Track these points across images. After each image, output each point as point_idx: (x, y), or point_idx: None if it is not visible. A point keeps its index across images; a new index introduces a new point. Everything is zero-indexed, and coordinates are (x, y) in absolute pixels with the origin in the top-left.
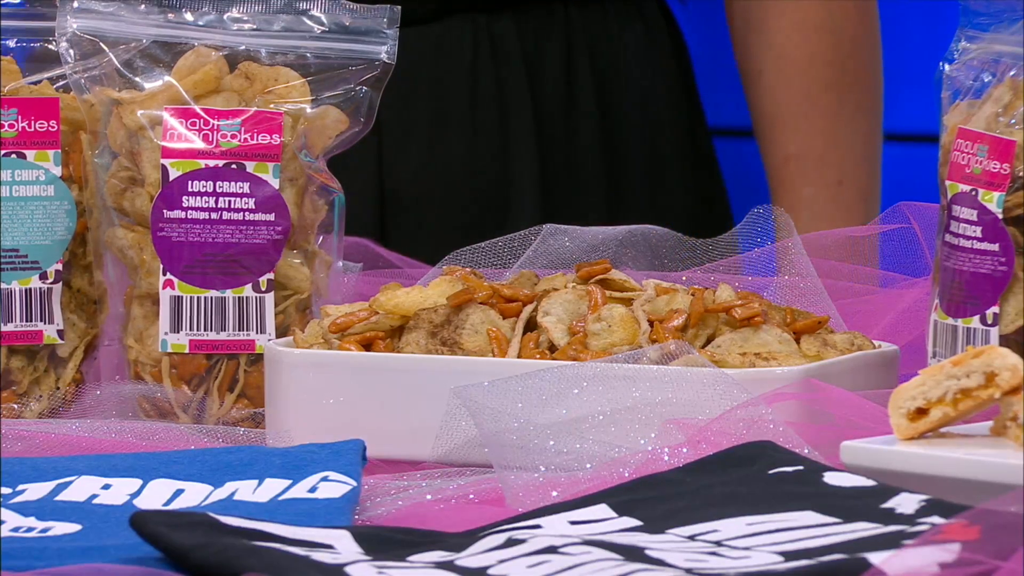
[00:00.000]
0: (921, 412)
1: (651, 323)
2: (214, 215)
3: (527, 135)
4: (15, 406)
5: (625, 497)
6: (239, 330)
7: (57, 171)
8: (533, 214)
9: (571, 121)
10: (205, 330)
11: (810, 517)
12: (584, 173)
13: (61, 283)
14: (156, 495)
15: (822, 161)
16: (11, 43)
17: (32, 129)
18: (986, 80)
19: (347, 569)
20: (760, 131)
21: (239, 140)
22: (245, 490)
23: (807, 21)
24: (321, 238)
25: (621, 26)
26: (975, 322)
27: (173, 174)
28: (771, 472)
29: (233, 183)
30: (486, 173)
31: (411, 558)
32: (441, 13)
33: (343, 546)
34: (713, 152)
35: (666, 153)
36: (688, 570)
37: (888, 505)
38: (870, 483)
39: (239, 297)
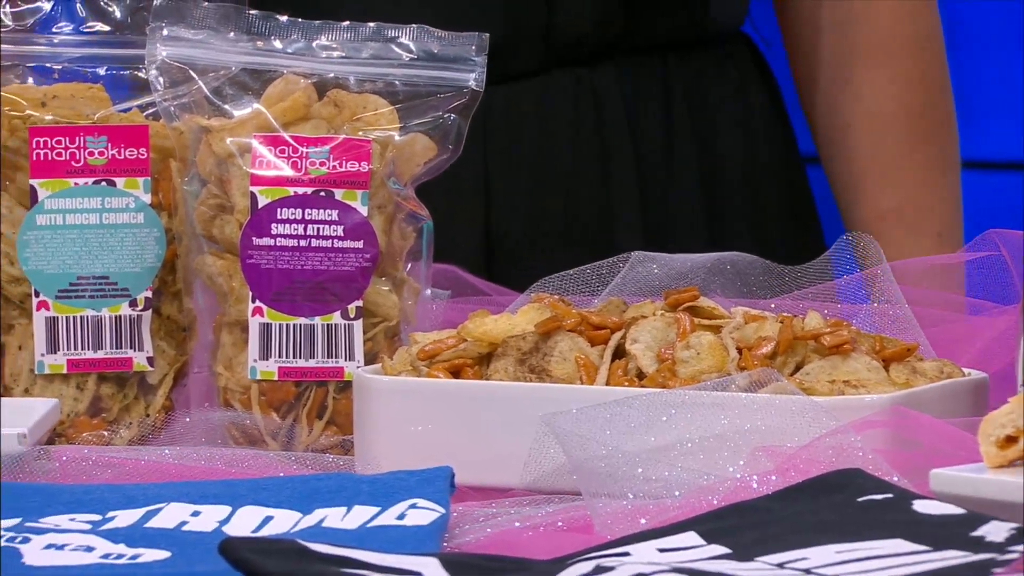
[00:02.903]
0: (1011, 440)
1: (740, 350)
2: (303, 242)
3: (629, 182)
4: (105, 433)
5: (714, 524)
6: (328, 357)
7: (147, 198)
8: None
9: (672, 166)
10: (294, 357)
11: (899, 545)
12: (686, 217)
13: (151, 310)
14: (245, 522)
15: (922, 213)
16: (101, 71)
17: (122, 157)
18: None
19: None
20: (848, 186)
21: (328, 167)
22: (334, 517)
23: (898, 73)
24: (409, 265)
25: (716, 71)
26: None
27: (262, 201)
28: (860, 500)
29: (322, 210)
30: (590, 221)
31: None
32: (543, 68)
33: (431, 573)
34: (807, 185)
35: (765, 192)
36: None
37: (978, 533)
38: (959, 511)
39: (328, 324)
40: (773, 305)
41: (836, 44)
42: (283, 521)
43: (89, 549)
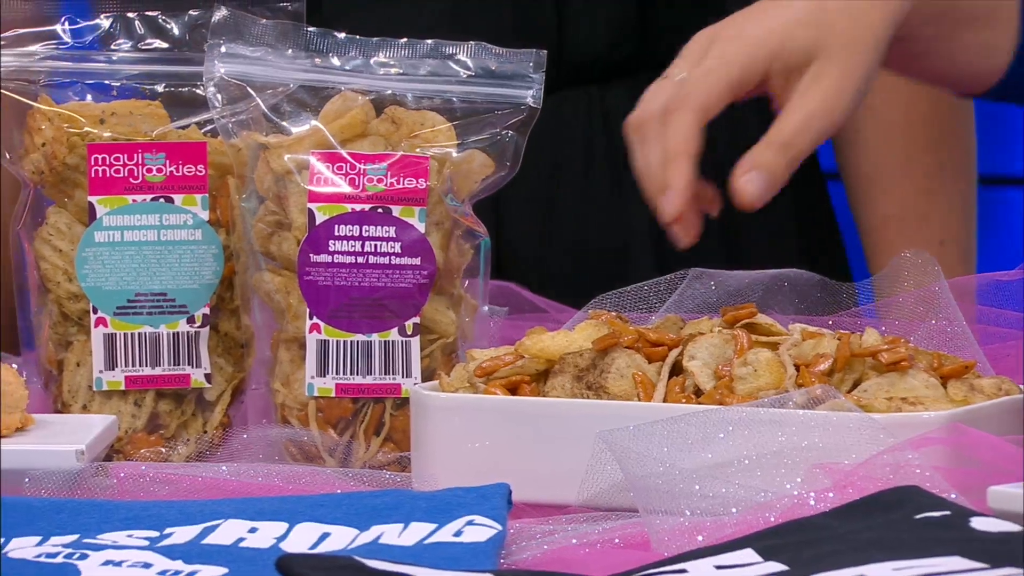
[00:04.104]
0: None
1: (797, 367)
2: (360, 259)
3: (641, 199)
4: (163, 450)
5: (771, 541)
6: (385, 374)
7: (205, 215)
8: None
9: None
10: (351, 374)
11: (957, 562)
12: (701, 234)
13: (208, 327)
14: (302, 538)
15: (923, 221)
16: (159, 88)
17: (180, 173)
18: None
19: None
20: (856, 191)
21: (385, 184)
22: (391, 533)
23: (906, 82)
24: (467, 282)
25: None
26: None
27: (320, 218)
28: (917, 517)
29: (379, 227)
30: (601, 238)
31: None
32: (554, 87)
33: None
34: (827, 198)
35: (780, 208)
36: None
37: None
38: (1017, 528)
39: (385, 341)
40: (831, 322)
41: None
42: (340, 538)
43: (147, 566)
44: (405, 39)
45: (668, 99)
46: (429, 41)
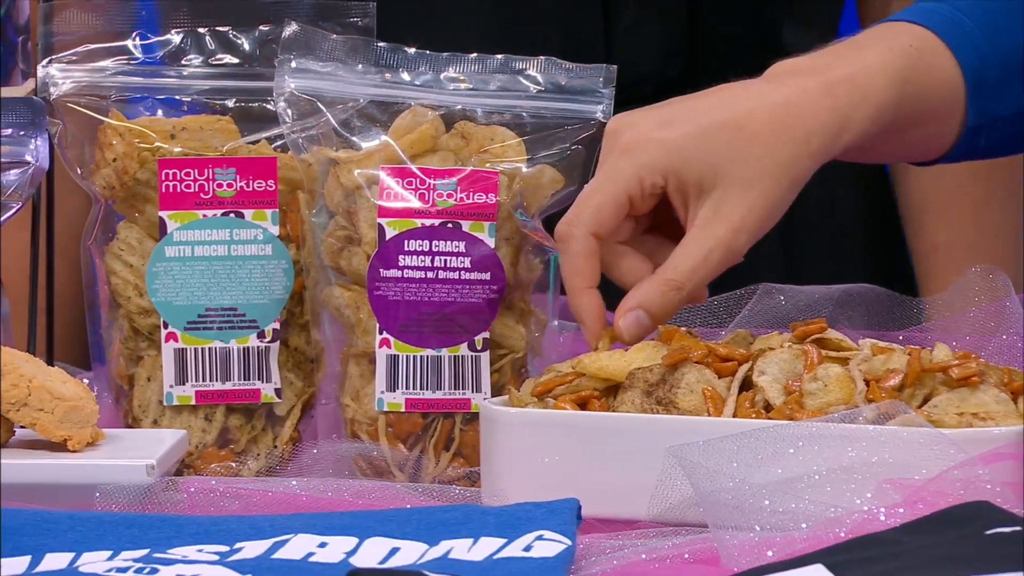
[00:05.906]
0: None
1: (867, 382)
2: (430, 274)
3: None
4: (233, 464)
5: (841, 557)
6: (455, 389)
7: (275, 230)
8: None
9: None
10: (421, 389)
11: None
12: (760, 247)
13: (279, 342)
14: (372, 553)
15: (972, 249)
16: (230, 103)
17: (250, 189)
18: None
19: None
20: (908, 218)
21: (455, 199)
22: (460, 548)
23: None
24: (536, 297)
25: None
26: None
27: (389, 233)
28: (988, 532)
29: (449, 242)
30: None
31: None
32: None
33: None
34: (896, 215)
35: (846, 224)
36: None
37: None
38: None
39: (455, 356)
40: (901, 337)
41: None
42: (410, 552)
43: None
44: (475, 54)
45: (562, 221)
46: (499, 56)
